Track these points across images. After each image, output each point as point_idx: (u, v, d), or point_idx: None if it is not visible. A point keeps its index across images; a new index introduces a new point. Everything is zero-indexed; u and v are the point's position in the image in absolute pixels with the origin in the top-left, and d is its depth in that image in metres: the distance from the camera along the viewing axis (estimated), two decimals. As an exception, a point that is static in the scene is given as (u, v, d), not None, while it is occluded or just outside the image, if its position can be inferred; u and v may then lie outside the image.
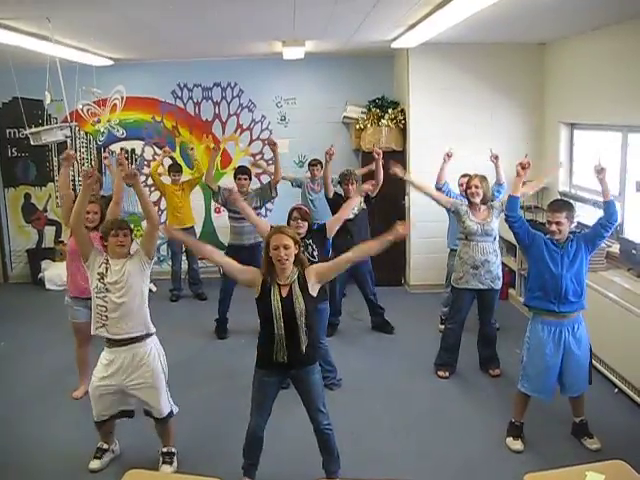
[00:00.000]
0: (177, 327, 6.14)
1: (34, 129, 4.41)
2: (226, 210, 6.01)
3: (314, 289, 3.27)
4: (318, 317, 4.09)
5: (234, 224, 5.87)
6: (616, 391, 4.53)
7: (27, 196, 8.02)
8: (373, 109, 7.29)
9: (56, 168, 7.93)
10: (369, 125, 7.21)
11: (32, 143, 4.40)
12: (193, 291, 7.26)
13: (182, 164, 7.43)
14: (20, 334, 6.10)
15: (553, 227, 3.63)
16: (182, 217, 6.98)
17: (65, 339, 5.17)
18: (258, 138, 7.97)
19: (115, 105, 7.84)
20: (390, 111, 7.16)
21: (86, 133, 7.92)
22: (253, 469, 3.46)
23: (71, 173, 7.90)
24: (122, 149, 7.85)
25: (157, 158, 7.53)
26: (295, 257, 3.21)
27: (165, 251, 7.96)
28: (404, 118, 7.13)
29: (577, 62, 5.97)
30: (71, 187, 4.50)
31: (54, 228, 8.10)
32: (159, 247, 8.03)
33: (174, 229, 3.58)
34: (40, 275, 7.84)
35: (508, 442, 3.88)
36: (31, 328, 6.23)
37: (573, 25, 5.43)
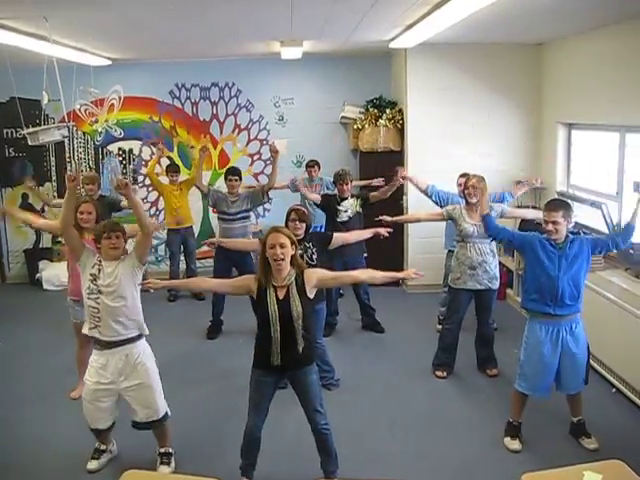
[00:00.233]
0: (175, 327, 6.15)
1: (32, 129, 4.40)
2: (217, 211, 6.00)
3: (311, 292, 3.27)
4: (315, 318, 4.10)
5: (224, 225, 5.86)
6: (614, 391, 4.54)
7: (24, 196, 8.00)
8: (371, 109, 7.29)
9: (54, 168, 7.93)
10: (367, 125, 7.21)
11: (29, 143, 4.39)
12: (191, 291, 7.25)
13: (180, 164, 7.43)
14: (18, 334, 6.09)
15: (550, 226, 3.63)
16: (180, 217, 6.98)
17: (63, 339, 5.17)
18: (256, 138, 7.97)
19: (113, 105, 7.83)
20: (388, 111, 7.16)
21: (84, 133, 7.91)
22: (251, 469, 3.45)
23: (69, 173, 7.96)
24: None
25: (153, 157, 7.51)
26: (292, 258, 3.21)
27: (163, 251, 7.95)
28: (402, 118, 7.13)
29: (575, 62, 5.97)
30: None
31: (52, 228, 8.08)
32: (157, 247, 8.03)
33: (157, 282, 3.50)
34: (37, 275, 7.82)
35: (506, 442, 3.89)
36: (29, 328, 6.22)
37: (571, 25, 5.43)
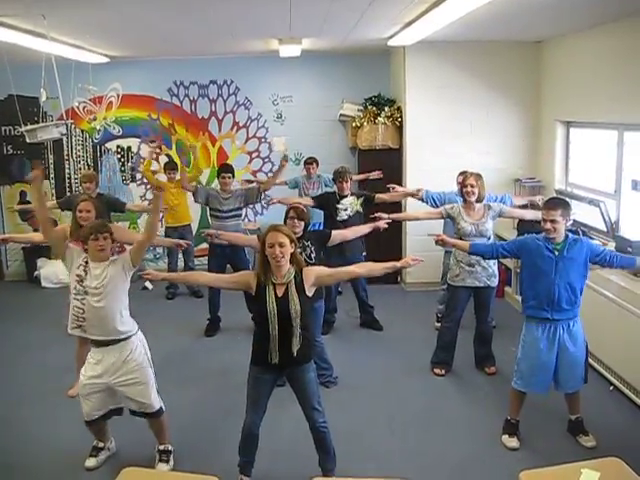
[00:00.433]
0: (173, 325, 6.15)
1: (30, 127, 4.40)
2: (209, 208, 6.00)
3: (310, 290, 3.27)
4: (313, 315, 4.09)
5: (217, 223, 5.85)
6: (611, 389, 4.55)
7: (23, 194, 7.99)
8: (370, 107, 7.29)
9: (52, 166, 7.92)
10: (365, 123, 7.20)
11: (28, 141, 4.38)
12: (189, 289, 7.26)
13: (178, 162, 7.41)
14: (16, 332, 6.08)
15: (548, 225, 3.63)
16: (178, 215, 6.98)
17: (62, 337, 5.13)
18: (254, 136, 7.97)
19: (111, 103, 7.82)
20: (387, 109, 7.16)
21: (82, 131, 7.90)
22: (249, 466, 3.46)
23: (67, 171, 7.97)
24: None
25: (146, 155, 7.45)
26: (291, 256, 3.21)
27: (161, 249, 7.94)
28: (400, 116, 7.13)
29: (573, 60, 5.97)
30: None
31: (50, 226, 8.06)
32: (154, 246, 8.01)
33: (156, 274, 3.48)
34: (36, 273, 7.82)
35: (504, 439, 3.89)
36: (27, 326, 6.21)
37: (569, 23, 5.43)
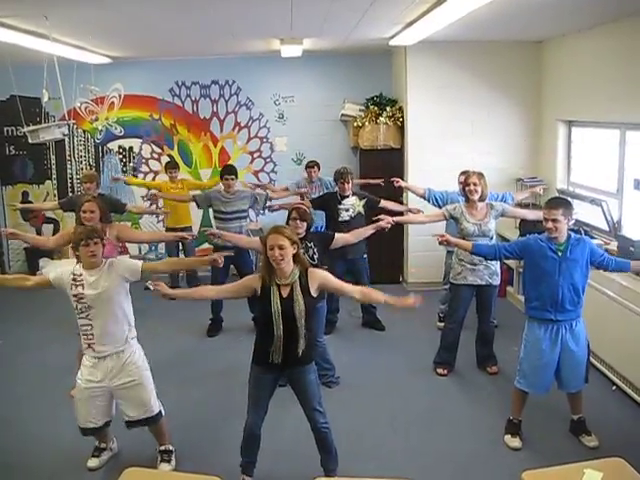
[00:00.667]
0: (174, 325, 6.16)
1: (32, 127, 4.42)
2: (213, 210, 5.99)
3: (315, 291, 3.28)
4: (316, 316, 4.09)
5: (220, 225, 5.81)
6: (614, 388, 4.54)
7: (25, 194, 8.00)
8: (371, 107, 7.28)
9: (54, 166, 7.94)
10: (367, 123, 7.20)
11: (30, 141, 4.40)
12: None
13: (180, 162, 7.41)
14: (18, 332, 6.09)
15: (549, 224, 3.63)
16: (178, 216, 6.94)
17: (64, 337, 5.17)
18: (256, 136, 7.96)
19: (113, 103, 7.83)
20: (388, 109, 7.16)
21: (84, 131, 7.91)
22: (251, 467, 3.46)
23: (69, 172, 7.97)
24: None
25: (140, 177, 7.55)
26: (295, 257, 3.21)
27: (162, 249, 7.95)
28: (402, 116, 7.13)
29: (575, 60, 5.96)
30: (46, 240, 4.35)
31: (52, 226, 8.07)
32: (156, 246, 8.03)
33: (166, 290, 3.38)
34: (38, 273, 7.80)
35: (506, 439, 3.89)
36: (29, 326, 6.23)
37: (571, 23, 5.42)
